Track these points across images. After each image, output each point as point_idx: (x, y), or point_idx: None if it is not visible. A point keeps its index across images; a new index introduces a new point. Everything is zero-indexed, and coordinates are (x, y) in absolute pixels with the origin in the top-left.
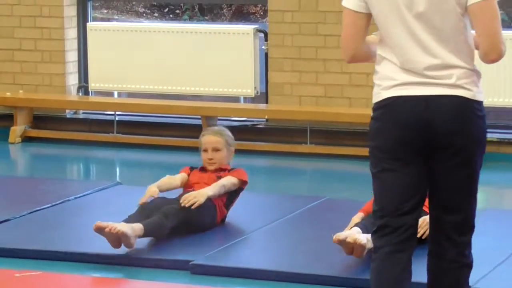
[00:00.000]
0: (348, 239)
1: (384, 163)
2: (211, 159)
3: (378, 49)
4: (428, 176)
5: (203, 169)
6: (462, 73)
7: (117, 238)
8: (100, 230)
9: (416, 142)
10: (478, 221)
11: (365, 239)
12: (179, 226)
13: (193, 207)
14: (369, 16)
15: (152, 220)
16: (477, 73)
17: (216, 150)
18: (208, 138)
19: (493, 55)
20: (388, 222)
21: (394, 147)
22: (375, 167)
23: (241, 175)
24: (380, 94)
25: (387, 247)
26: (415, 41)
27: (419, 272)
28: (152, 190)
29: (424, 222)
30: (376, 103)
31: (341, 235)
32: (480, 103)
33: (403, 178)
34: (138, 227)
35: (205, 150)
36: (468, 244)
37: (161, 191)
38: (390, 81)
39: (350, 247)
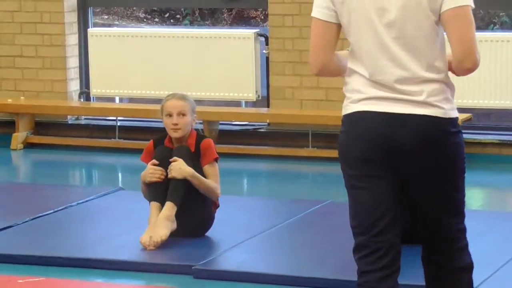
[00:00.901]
0: None
1: (353, 180)
2: (176, 124)
3: (349, 62)
4: (402, 190)
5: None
6: (434, 89)
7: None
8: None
9: (382, 159)
10: (480, 223)
11: None
12: (180, 209)
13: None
14: (338, 26)
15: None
16: (451, 87)
17: (181, 114)
18: (173, 102)
19: (468, 63)
20: (366, 241)
21: (360, 163)
22: (347, 183)
23: (211, 155)
24: (348, 106)
25: (375, 273)
26: (385, 52)
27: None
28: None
29: None
30: (344, 115)
31: None
32: (453, 119)
33: (373, 195)
34: (169, 210)
35: (170, 115)
36: (462, 248)
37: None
38: (358, 94)
39: None
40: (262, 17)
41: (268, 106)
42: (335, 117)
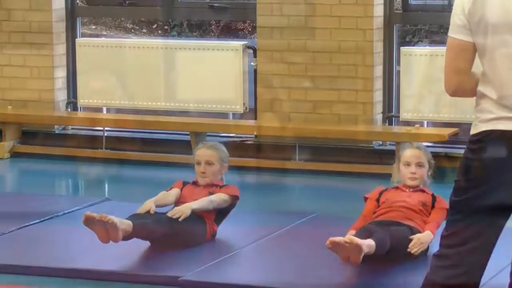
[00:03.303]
0: (344, 239)
1: (464, 194)
2: (203, 172)
3: (479, 84)
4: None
5: (195, 183)
6: None
7: (105, 230)
8: (90, 221)
9: (505, 178)
10: None
11: (360, 240)
12: (169, 237)
13: (180, 219)
14: (475, 46)
15: (142, 222)
16: None
17: (209, 163)
18: (202, 152)
19: None
20: (451, 254)
21: (480, 180)
22: (455, 196)
23: (232, 191)
24: (476, 126)
25: None
26: None
27: None
28: (149, 206)
29: (418, 240)
30: (472, 135)
31: (335, 238)
32: None
33: (478, 213)
34: (127, 222)
35: (198, 163)
36: None
37: (157, 206)
38: (488, 114)
39: (346, 251)
40: (250, 29)
41: (255, 118)
42: (323, 130)
